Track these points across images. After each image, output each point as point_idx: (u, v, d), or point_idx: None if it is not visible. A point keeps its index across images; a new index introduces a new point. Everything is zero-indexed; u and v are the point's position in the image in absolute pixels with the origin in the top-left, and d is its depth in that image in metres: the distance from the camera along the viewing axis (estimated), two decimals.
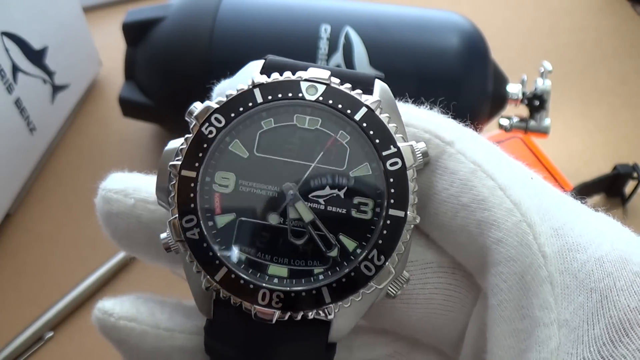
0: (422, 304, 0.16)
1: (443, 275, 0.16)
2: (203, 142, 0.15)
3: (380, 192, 0.15)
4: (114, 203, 0.17)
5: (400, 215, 0.14)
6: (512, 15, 0.63)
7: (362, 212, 0.15)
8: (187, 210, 0.15)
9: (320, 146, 0.15)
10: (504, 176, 0.14)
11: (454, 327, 0.16)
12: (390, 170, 0.14)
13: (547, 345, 0.13)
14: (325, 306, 0.14)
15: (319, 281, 0.14)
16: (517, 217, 0.14)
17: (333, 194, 0.15)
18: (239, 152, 0.15)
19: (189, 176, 0.15)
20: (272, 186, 0.15)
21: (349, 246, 0.15)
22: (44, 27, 0.46)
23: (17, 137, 0.44)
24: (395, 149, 0.14)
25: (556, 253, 0.13)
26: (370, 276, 0.14)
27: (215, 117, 0.15)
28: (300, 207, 0.15)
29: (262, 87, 0.15)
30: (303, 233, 0.15)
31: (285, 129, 0.15)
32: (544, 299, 0.13)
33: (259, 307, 0.14)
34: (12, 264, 0.44)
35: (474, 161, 0.15)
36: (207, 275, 0.14)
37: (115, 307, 0.18)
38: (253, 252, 0.15)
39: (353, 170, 0.15)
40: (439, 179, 0.15)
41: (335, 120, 0.15)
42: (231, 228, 0.15)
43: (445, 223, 0.15)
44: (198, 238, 0.14)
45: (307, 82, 0.15)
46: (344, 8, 0.44)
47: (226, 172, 0.15)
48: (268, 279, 0.14)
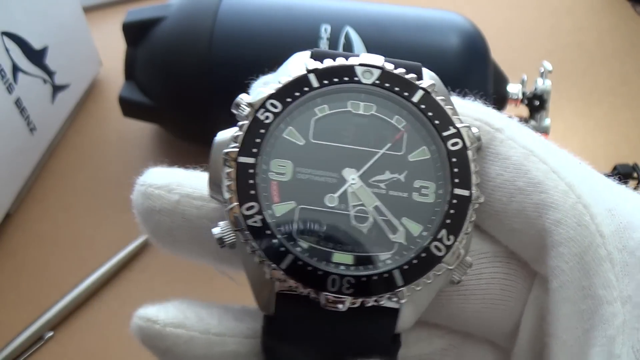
0: (479, 295, 0.16)
1: (499, 265, 0.16)
2: (260, 128, 0.15)
3: (440, 174, 0.15)
4: (156, 199, 0.17)
5: (466, 194, 0.14)
6: (513, 15, 0.63)
7: (424, 195, 0.15)
8: (247, 197, 0.14)
9: (376, 132, 0.15)
10: (555, 160, 0.15)
11: (509, 317, 0.16)
12: (451, 150, 0.14)
13: (612, 322, 0.13)
14: (397, 289, 0.14)
15: (389, 265, 0.14)
16: (573, 199, 0.14)
17: (394, 178, 0.15)
18: (294, 140, 0.15)
19: (248, 162, 0.14)
20: (331, 172, 0.14)
21: (413, 230, 0.14)
22: (44, 27, 0.46)
23: (17, 137, 0.44)
24: (455, 130, 0.14)
25: (613, 232, 0.13)
26: (441, 256, 0.14)
27: (271, 103, 0.15)
28: (362, 192, 0.14)
29: (317, 72, 0.15)
30: (366, 219, 0.14)
31: (339, 115, 0.15)
32: (605, 277, 0.13)
33: (329, 295, 0.14)
34: (12, 263, 0.44)
35: (525, 146, 0.15)
36: (272, 265, 0.14)
37: (159, 314, 0.17)
38: (315, 240, 0.14)
39: (411, 154, 0.15)
40: (491, 165, 0.15)
41: (389, 105, 0.15)
42: (291, 217, 0.14)
43: (501, 209, 0.15)
44: (261, 226, 0.14)
45: (362, 67, 0.15)
46: (344, 8, 0.44)
47: (282, 160, 0.15)
48: (334, 266, 0.14)
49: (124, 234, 0.45)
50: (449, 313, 0.16)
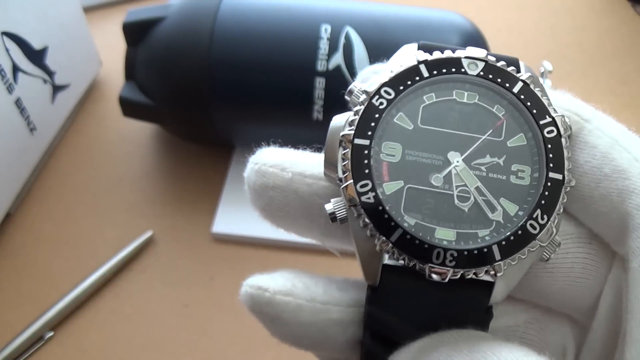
0: (564, 273, 0.17)
1: (582, 246, 0.17)
2: (374, 113, 0.16)
3: (536, 159, 0.16)
4: (269, 176, 0.18)
5: (559, 178, 0.16)
6: (513, 16, 0.63)
7: (521, 178, 0.16)
8: (362, 175, 0.15)
9: (478, 119, 0.16)
10: (638, 149, 0.16)
11: (590, 295, 0.17)
12: (547, 137, 0.16)
13: None
14: (495, 263, 0.15)
15: (488, 241, 0.15)
16: None
17: (493, 162, 0.16)
18: (404, 124, 0.16)
19: (363, 144, 0.16)
20: (437, 155, 0.16)
21: (510, 210, 0.16)
22: (45, 27, 0.46)
23: (17, 137, 0.44)
24: (551, 119, 0.16)
25: None
26: (536, 234, 0.15)
27: (385, 90, 0.16)
28: (465, 173, 0.16)
29: (427, 63, 0.16)
30: (468, 198, 0.16)
31: (445, 103, 0.16)
32: None
33: (434, 266, 0.15)
34: (12, 263, 0.44)
35: (611, 136, 0.16)
36: (382, 238, 0.15)
37: (270, 283, 0.18)
38: (421, 217, 0.15)
39: (510, 140, 0.16)
40: (580, 152, 0.16)
41: (491, 95, 0.16)
42: (400, 195, 0.16)
43: (587, 194, 0.16)
44: (374, 202, 0.15)
45: (467, 59, 0.16)
46: (344, 8, 0.44)
47: (393, 143, 0.16)
48: (438, 241, 0.15)
49: (124, 234, 0.45)
50: (535, 289, 0.18)
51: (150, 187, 0.48)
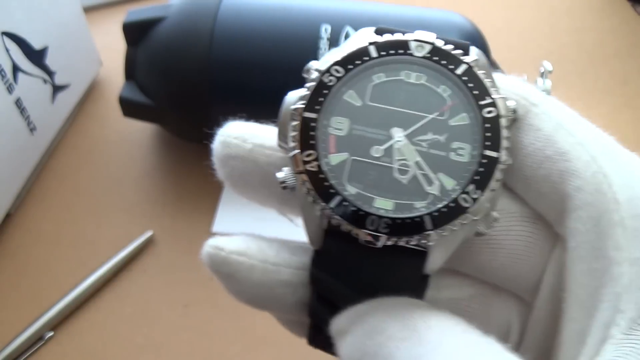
0: (506, 249, 0.18)
1: (526, 224, 0.18)
2: (323, 89, 0.17)
3: (476, 137, 0.17)
4: (232, 147, 0.19)
5: (495, 156, 0.16)
6: (512, 15, 0.63)
7: (460, 155, 0.17)
8: (307, 146, 0.17)
9: (424, 99, 0.17)
10: (583, 134, 0.17)
11: (533, 272, 0.18)
12: (486, 117, 0.17)
13: (619, 281, 0.14)
14: (427, 232, 0.16)
15: (422, 211, 0.16)
16: (595, 168, 0.16)
17: (435, 139, 0.17)
18: (353, 101, 0.17)
19: (311, 117, 0.17)
20: (382, 130, 0.17)
21: (447, 184, 0.17)
22: (45, 27, 0.46)
23: (17, 137, 0.44)
24: (491, 100, 0.17)
25: (627, 200, 0.15)
26: (467, 207, 0.16)
27: (335, 69, 0.17)
28: (406, 148, 0.17)
29: (376, 44, 0.17)
30: (407, 171, 0.17)
31: (394, 82, 0.17)
32: (616, 240, 0.15)
33: (367, 232, 0.16)
34: (12, 264, 0.44)
35: (557, 120, 0.17)
36: (322, 203, 0.16)
37: (226, 243, 0.19)
38: (362, 187, 0.17)
39: (452, 119, 0.17)
40: (525, 135, 0.17)
41: (437, 76, 0.17)
42: (343, 166, 0.17)
43: (530, 174, 0.17)
44: (316, 170, 0.17)
45: (415, 42, 0.17)
46: (345, 8, 0.44)
47: (341, 118, 0.17)
48: (375, 209, 0.16)
49: (124, 234, 0.45)
50: (478, 264, 0.18)
51: (150, 187, 0.48)
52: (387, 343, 0.16)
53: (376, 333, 0.16)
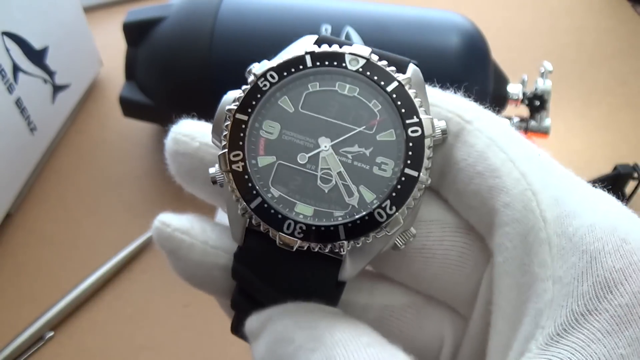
0: (439, 259, 0.18)
1: (459, 235, 0.18)
2: (257, 93, 0.18)
3: (400, 155, 0.17)
4: (181, 144, 0.20)
5: (414, 175, 0.17)
6: (513, 16, 0.63)
7: (383, 170, 0.17)
8: (235, 146, 0.17)
9: (355, 111, 0.18)
10: (514, 151, 0.17)
11: (468, 285, 0.18)
12: (410, 136, 0.17)
13: (542, 297, 0.15)
14: (339, 241, 0.17)
15: (338, 220, 0.17)
16: (524, 186, 0.16)
17: (360, 152, 0.17)
18: (286, 107, 0.18)
19: (242, 119, 0.17)
20: (310, 138, 0.17)
21: (367, 197, 0.17)
22: (45, 27, 0.46)
23: (17, 136, 0.44)
24: (417, 120, 0.17)
25: (555, 218, 0.16)
26: (382, 222, 0.17)
27: (270, 74, 0.18)
28: (331, 158, 0.17)
29: (312, 54, 0.18)
30: (330, 181, 0.17)
31: (327, 92, 0.18)
32: (542, 257, 0.15)
33: (283, 235, 0.17)
34: (12, 263, 0.44)
35: (489, 137, 0.17)
36: (244, 202, 0.17)
37: (172, 220, 0.20)
38: (285, 191, 0.17)
39: (380, 134, 0.17)
40: (458, 150, 0.17)
41: (370, 90, 0.18)
42: (270, 169, 0.17)
43: (462, 188, 0.18)
44: (241, 170, 0.17)
45: (350, 55, 0.18)
46: (345, 8, 0.44)
47: (273, 122, 0.18)
48: (295, 214, 0.17)
49: (124, 234, 0.45)
50: (412, 272, 0.19)
51: (150, 187, 0.48)
52: (297, 353, 0.16)
53: (285, 342, 0.17)
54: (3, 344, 0.39)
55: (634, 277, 0.14)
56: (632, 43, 0.61)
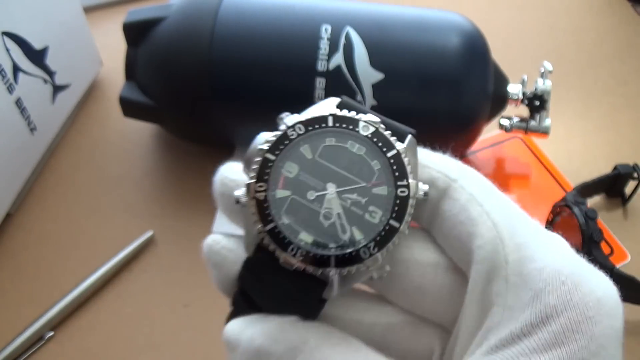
0: (433, 295, 0.22)
1: (449, 275, 0.22)
2: (285, 140, 0.21)
3: (388, 207, 0.21)
4: (227, 188, 0.23)
5: (396, 226, 0.21)
6: (513, 16, 0.63)
7: (372, 217, 0.21)
8: (261, 179, 0.21)
9: (360, 167, 0.21)
10: (490, 204, 0.21)
11: (455, 310, 0.22)
12: (399, 195, 0.21)
13: (493, 319, 0.19)
14: (329, 268, 0.20)
15: (331, 252, 0.21)
16: (494, 233, 0.20)
17: (357, 199, 0.21)
18: (305, 154, 0.21)
19: (270, 158, 0.21)
20: (321, 182, 0.21)
21: (357, 236, 0.21)
22: (45, 27, 0.46)
23: (17, 137, 0.44)
24: (406, 183, 0.21)
25: (515, 261, 0.20)
26: (364, 258, 0.20)
27: (298, 126, 0.21)
28: (334, 201, 0.21)
29: (334, 117, 0.22)
30: (330, 218, 0.21)
31: (341, 148, 0.22)
32: (499, 289, 0.20)
33: (286, 256, 0.20)
34: (12, 263, 0.44)
35: (470, 193, 0.21)
36: (260, 225, 0.21)
37: (222, 240, 0.23)
38: (294, 220, 0.21)
39: (375, 188, 0.21)
40: (445, 203, 0.21)
41: (374, 153, 0.21)
42: (284, 201, 0.21)
43: (447, 233, 0.22)
44: (263, 199, 0.21)
45: (364, 122, 0.22)
46: (345, 8, 0.44)
47: (293, 164, 0.21)
48: (298, 240, 0.21)
49: (124, 234, 0.45)
50: (410, 303, 0.23)
51: (150, 187, 0.48)
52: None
53: (264, 355, 0.20)
54: (3, 344, 0.39)
55: (564, 311, 0.18)
56: (632, 43, 0.61)
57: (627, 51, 0.60)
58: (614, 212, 0.48)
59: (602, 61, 0.59)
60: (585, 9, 0.64)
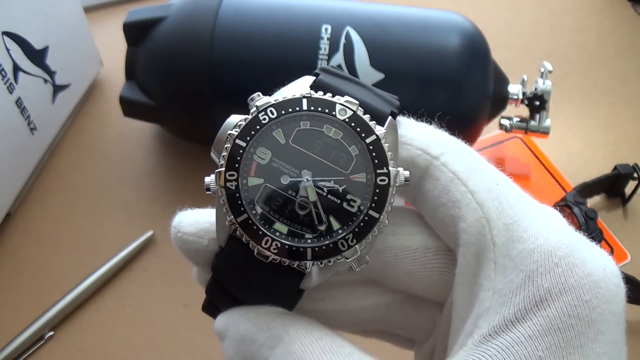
0: (424, 279, 0.22)
1: (439, 257, 0.21)
2: (256, 124, 0.20)
3: (367, 196, 0.20)
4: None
5: (376, 216, 0.20)
6: (513, 16, 0.63)
7: (351, 206, 0.20)
8: (231, 167, 0.20)
9: (336, 152, 0.20)
10: (474, 183, 0.20)
11: (449, 290, 0.22)
12: (378, 184, 0.20)
13: (483, 304, 0.18)
14: (305, 261, 0.20)
15: (307, 243, 0.20)
16: (479, 215, 0.19)
17: (334, 187, 0.20)
18: (279, 138, 0.20)
19: (241, 144, 0.20)
20: (295, 169, 0.20)
21: (334, 226, 0.20)
22: (45, 26, 0.46)
23: (17, 136, 0.44)
24: (386, 170, 0.20)
25: (503, 243, 0.19)
26: (342, 250, 0.20)
27: (270, 110, 0.20)
28: (309, 189, 0.20)
29: (309, 99, 0.20)
30: (305, 207, 0.20)
31: (316, 132, 0.20)
32: (487, 273, 0.19)
33: (261, 248, 0.20)
34: (12, 263, 0.44)
35: (453, 171, 0.20)
36: (232, 216, 0.20)
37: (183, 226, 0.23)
38: (267, 210, 0.20)
39: (353, 175, 0.20)
40: (426, 183, 0.21)
41: (352, 137, 0.20)
42: (257, 189, 0.20)
43: (430, 215, 0.21)
44: (234, 189, 0.20)
45: (340, 105, 0.20)
46: (345, 8, 0.44)
47: (266, 149, 0.20)
48: (272, 231, 0.20)
49: (124, 234, 0.45)
50: (404, 287, 0.22)
51: (150, 187, 0.48)
52: (260, 350, 0.20)
53: (248, 341, 0.20)
54: (3, 344, 0.39)
55: (559, 295, 0.17)
56: (632, 43, 0.61)
57: (627, 51, 0.60)
58: (614, 212, 0.48)
59: (602, 61, 0.59)
60: (585, 9, 0.64)
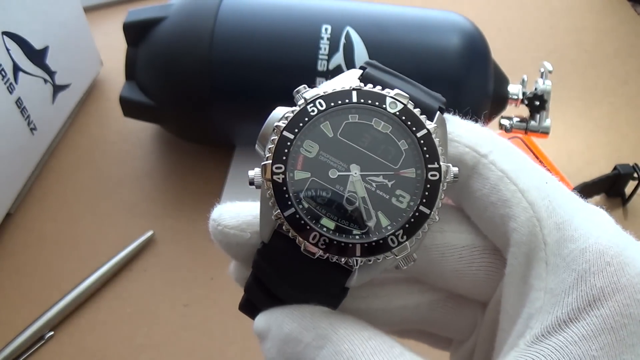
0: (470, 278, 0.21)
1: (486, 257, 0.21)
2: (305, 116, 0.20)
3: (417, 192, 0.19)
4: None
5: (427, 212, 0.19)
6: (513, 16, 0.63)
7: (400, 201, 0.19)
8: (279, 160, 0.19)
9: (385, 146, 0.20)
10: (523, 182, 0.19)
11: (493, 290, 0.21)
12: (429, 179, 0.19)
13: (534, 304, 0.18)
14: (354, 257, 0.19)
15: (356, 239, 0.19)
16: (530, 214, 0.19)
17: (383, 183, 0.20)
18: (326, 131, 0.20)
19: (288, 137, 0.19)
20: (343, 163, 0.20)
21: (383, 222, 0.19)
22: (45, 27, 0.46)
23: (17, 136, 0.44)
24: (438, 165, 0.19)
25: (555, 242, 0.18)
26: (393, 247, 0.19)
27: (319, 102, 0.20)
28: (358, 184, 0.19)
29: (358, 91, 0.20)
30: (353, 202, 0.19)
31: (364, 125, 0.20)
32: (539, 272, 0.18)
33: (308, 244, 0.19)
34: (12, 263, 0.44)
35: (502, 170, 0.20)
36: (278, 209, 0.19)
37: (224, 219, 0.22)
38: (314, 205, 0.19)
39: (403, 170, 0.20)
40: (474, 182, 0.20)
41: (401, 132, 0.20)
42: (304, 183, 0.19)
43: (478, 214, 0.21)
44: (281, 182, 0.19)
45: (390, 98, 0.20)
46: (345, 8, 0.44)
47: (313, 142, 0.20)
48: (319, 226, 0.19)
49: (124, 234, 0.45)
50: (449, 287, 0.22)
51: (150, 187, 0.48)
52: (306, 351, 0.19)
53: (293, 342, 0.19)
54: (3, 344, 0.39)
55: (611, 294, 0.17)
56: (632, 43, 0.61)
57: (627, 51, 0.60)
58: (614, 212, 0.48)
59: (602, 61, 0.59)
60: (585, 9, 0.64)
